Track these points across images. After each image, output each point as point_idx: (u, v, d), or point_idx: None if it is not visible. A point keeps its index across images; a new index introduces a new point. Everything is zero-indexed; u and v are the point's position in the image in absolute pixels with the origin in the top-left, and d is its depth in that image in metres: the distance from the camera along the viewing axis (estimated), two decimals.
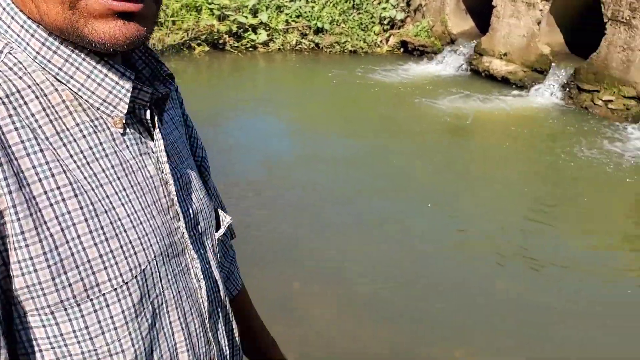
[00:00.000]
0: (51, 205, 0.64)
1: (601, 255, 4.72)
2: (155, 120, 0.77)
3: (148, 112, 0.76)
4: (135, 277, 0.70)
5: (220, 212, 0.99)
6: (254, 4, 10.67)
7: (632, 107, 7.63)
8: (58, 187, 0.65)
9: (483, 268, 4.48)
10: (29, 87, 0.66)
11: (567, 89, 8.40)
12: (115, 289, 0.68)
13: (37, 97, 0.67)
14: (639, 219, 5.48)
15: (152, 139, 0.77)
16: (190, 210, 0.83)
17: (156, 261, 0.73)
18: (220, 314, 0.90)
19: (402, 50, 11.22)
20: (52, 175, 0.65)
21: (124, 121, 0.73)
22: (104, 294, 0.68)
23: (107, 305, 0.68)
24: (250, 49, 10.80)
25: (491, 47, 9.60)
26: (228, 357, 0.91)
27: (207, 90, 9.05)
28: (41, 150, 0.65)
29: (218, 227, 0.97)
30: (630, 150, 6.75)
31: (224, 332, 0.91)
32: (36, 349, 0.66)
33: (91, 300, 0.67)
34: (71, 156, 0.67)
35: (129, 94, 0.72)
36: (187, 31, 10.24)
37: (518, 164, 6.54)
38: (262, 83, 9.80)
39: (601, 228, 5.16)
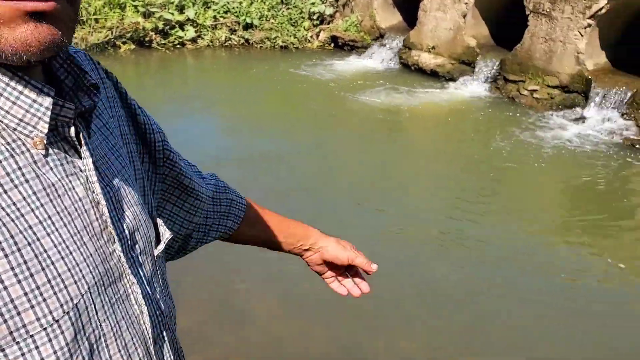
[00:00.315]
0: None
1: (529, 243, 4.88)
2: (81, 136, 0.69)
3: (72, 128, 0.67)
4: (67, 313, 0.62)
5: (160, 225, 0.91)
6: (180, 1, 10.40)
7: (556, 96, 7.94)
8: None
9: (415, 259, 4.53)
10: None
11: (494, 80, 8.66)
12: (45, 329, 0.60)
13: None
14: (564, 205, 5.71)
15: (80, 157, 0.69)
16: (126, 231, 0.75)
17: (90, 292, 0.65)
18: (165, 337, 0.82)
19: (332, 45, 11.24)
20: None
21: (45, 141, 0.64)
22: (32, 335, 0.59)
23: (37, 347, 0.60)
24: (178, 46, 10.54)
25: (419, 40, 9.76)
26: None
27: (134, 89, 8.72)
28: None
29: (158, 241, 0.89)
30: (556, 138, 7.03)
31: (171, 356, 0.84)
32: None
33: (18, 343, 0.59)
34: None
35: (48, 112, 0.63)
36: (112, 29, 9.87)
37: (447, 156, 6.67)
38: (191, 80, 9.58)
39: (530, 216, 5.33)
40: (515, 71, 8.38)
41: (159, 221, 0.91)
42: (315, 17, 11.35)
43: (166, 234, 0.89)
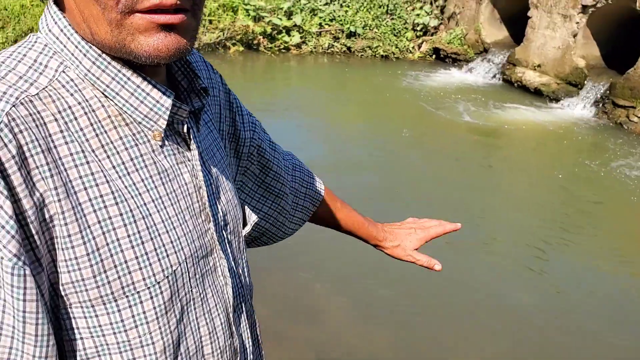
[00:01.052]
0: (94, 211, 0.71)
1: (621, 278, 4.66)
2: (191, 131, 0.83)
3: (185, 126, 0.82)
4: (167, 277, 0.77)
5: (247, 210, 1.05)
6: (289, 7, 10.77)
7: None
8: (101, 195, 0.72)
9: (503, 280, 4.47)
10: (79, 103, 0.73)
11: (602, 104, 8.29)
12: (149, 288, 0.75)
13: (85, 113, 0.73)
14: None
15: (189, 148, 0.83)
16: (220, 213, 0.89)
17: (186, 263, 0.80)
18: (243, 308, 0.96)
19: (434, 57, 11.20)
20: (97, 185, 0.72)
21: (162, 135, 0.79)
22: (138, 292, 0.74)
23: (141, 302, 0.75)
24: (283, 51, 10.91)
25: (525, 57, 9.52)
26: (249, 348, 0.97)
27: (239, 88, 9.16)
28: (87, 162, 0.71)
29: (245, 223, 1.03)
30: None
31: (247, 325, 0.97)
32: (78, 336, 0.74)
33: (127, 297, 0.74)
34: (114, 167, 0.74)
35: (168, 112, 0.78)
36: (223, 31, 10.39)
37: (541, 179, 6.48)
38: (292, 84, 9.89)
39: (625, 250, 5.09)
40: (625, 96, 7.98)
41: (246, 208, 1.05)
42: (418, 29, 11.36)
43: (252, 217, 1.03)
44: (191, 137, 0.84)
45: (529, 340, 3.83)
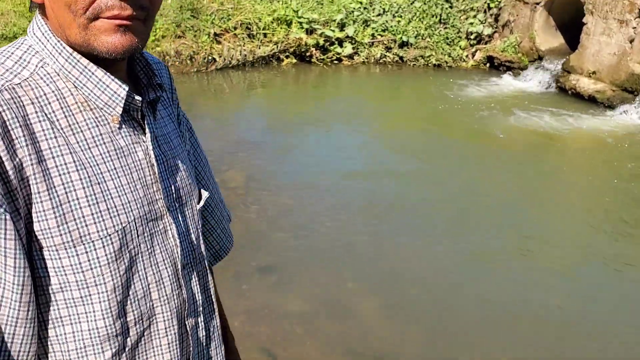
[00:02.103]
0: (59, 175, 0.93)
1: None
2: (147, 118, 1.05)
3: (140, 113, 1.03)
4: (117, 231, 0.98)
5: (202, 190, 1.25)
6: (342, 18, 11.02)
7: None
8: (66, 163, 0.94)
9: (547, 286, 4.48)
10: (53, 92, 0.96)
11: None
12: (102, 239, 0.97)
13: (57, 99, 0.96)
14: None
15: (144, 132, 1.05)
16: (172, 187, 1.11)
17: (135, 222, 1.01)
18: (194, 268, 1.16)
19: (487, 65, 11.15)
20: (62, 155, 0.94)
21: (119, 119, 1.01)
22: (93, 241, 0.96)
23: (95, 249, 0.97)
24: (335, 62, 11.15)
25: (580, 64, 9.35)
26: (199, 301, 1.17)
27: (292, 101, 9.49)
28: (56, 137, 0.94)
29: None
30: None
31: (197, 283, 1.17)
32: (46, 274, 0.96)
33: (84, 244, 0.95)
34: (78, 142, 0.96)
35: (123, 101, 1.01)
36: (277, 44, 10.76)
37: (599, 188, 6.37)
38: (343, 95, 10.09)
39: None
40: None
41: (202, 190, 1.26)
42: (472, 37, 11.34)
43: (204, 194, 1.23)
44: (145, 123, 1.05)
45: (563, 350, 3.85)
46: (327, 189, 5.98)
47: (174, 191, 1.10)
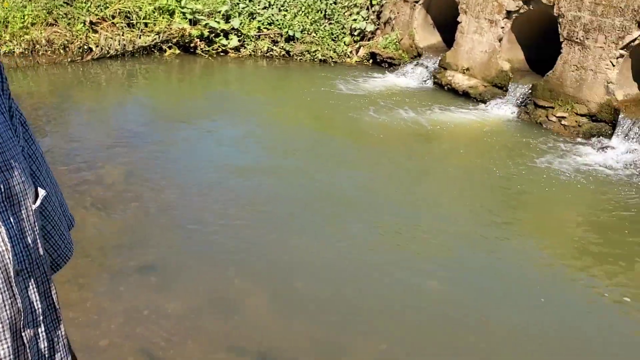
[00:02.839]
0: None
1: (552, 265, 4.92)
2: None
3: None
4: None
5: (39, 189, 1.13)
6: (227, 10, 10.83)
7: (583, 124, 7.91)
8: None
9: (416, 272, 4.65)
10: None
11: (524, 105, 8.67)
12: None
13: None
14: (580, 234, 5.69)
15: None
16: (1, 186, 0.98)
17: None
18: (31, 274, 1.04)
19: (370, 61, 11.46)
20: None
21: None
22: None
23: None
24: (222, 54, 10.96)
25: (455, 61, 9.86)
26: (38, 310, 1.05)
27: (175, 91, 9.19)
28: None
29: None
30: (579, 166, 7.00)
31: (36, 291, 1.05)
32: None
33: None
34: None
35: None
36: (159, 34, 10.37)
37: (469, 176, 6.74)
38: (229, 87, 9.94)
39: (543, 240, 5.37)
40: (545, 97, 8.38)
41: (38, 188, 1.14)
42: (356, 33, 11.59)
43: (41, 193, 1.12)
44: None
45: (438, 327, 4.02)
46: (210, 184, 5.85)
47: (2, 190, 0.98)
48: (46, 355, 1.07)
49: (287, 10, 11.34)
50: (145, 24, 10.35)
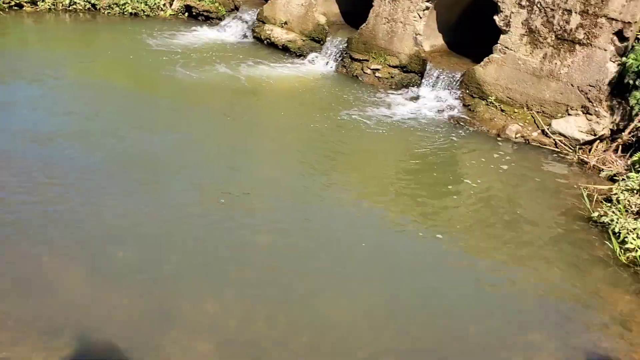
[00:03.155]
0: None
1: (371, 210, 5.12)
2: None
3: None
4: None
5: None
6: None
7: (395, 75, 8.34)
8: None
9: (251, 229, 4.60)
10: None
11: (341, 58, 8.90)
12: None
13: None
14: (394, 176, 6.03)
15: None
16: None
17: None
18: None
19: (186, 14, 10.93)
20: None
21: None
22: None
23: None
24: (15, 8, 9.71)
25: (272, 15, 9.78)
26: None
27: None
28: None
29: None
30: (392, 115, 7.39)
31: None
32: None
33: None
34: None
35: None
36: None
37: (292, 132, 6.78)
38: (30, 46, 8.85)
39: (360, 184, 5.59)
40: (360, 50, 8.67)
41: None
42: None
43: None
44: None
45: (268, 282, 4.01)
46: (6, 155, 5.18)
47: None
48: None
49: None
50: None
